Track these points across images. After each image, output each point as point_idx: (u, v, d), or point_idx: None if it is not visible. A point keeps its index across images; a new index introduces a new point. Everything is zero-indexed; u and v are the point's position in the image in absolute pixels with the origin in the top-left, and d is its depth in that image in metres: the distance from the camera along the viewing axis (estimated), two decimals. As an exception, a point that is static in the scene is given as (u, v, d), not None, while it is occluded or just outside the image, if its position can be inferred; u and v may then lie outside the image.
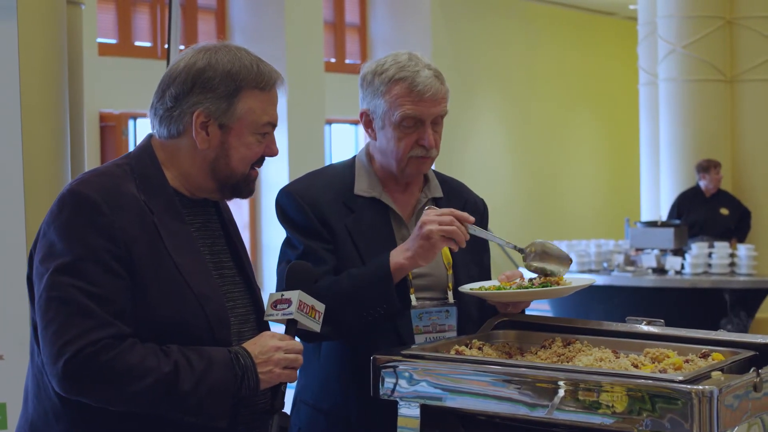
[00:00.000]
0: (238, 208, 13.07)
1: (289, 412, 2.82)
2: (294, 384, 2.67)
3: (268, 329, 2.41)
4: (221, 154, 2.30)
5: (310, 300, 2.38)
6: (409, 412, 2.45)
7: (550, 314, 9.67)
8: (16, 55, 3.79)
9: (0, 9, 3.78)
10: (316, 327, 2.40)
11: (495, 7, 16.14)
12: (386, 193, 2.87)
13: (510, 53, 16.42)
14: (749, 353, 2.46)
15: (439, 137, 2.84)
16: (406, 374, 2.44)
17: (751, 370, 2.28)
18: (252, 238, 13.02)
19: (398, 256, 2.68)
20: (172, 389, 2.14)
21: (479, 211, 3.02)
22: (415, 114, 2.76)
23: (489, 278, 2.98)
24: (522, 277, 2.79)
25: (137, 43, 11.71)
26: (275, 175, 12.84)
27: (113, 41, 11.48)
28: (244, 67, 2.30)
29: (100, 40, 11.11)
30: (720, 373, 2.27)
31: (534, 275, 2.77)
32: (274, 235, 12.74)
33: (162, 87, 2.30)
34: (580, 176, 17.93)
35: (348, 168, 2.91)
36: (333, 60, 14.39)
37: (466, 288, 2.77)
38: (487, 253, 3.05)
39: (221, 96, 2.26)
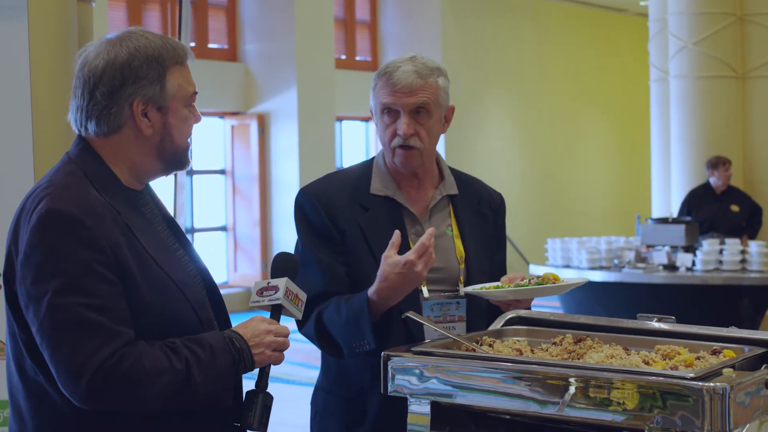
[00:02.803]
0: (248, 205, 13.09)
1: (310, 400, 3.04)
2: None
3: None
4: (165, 135, 2.37)
5: (294, 288, 2.48)
6: (419, 409, 2.45)
7: (561, 311, 9.67)
8: (27, 53, 3.80)
9: (11, 7, 3.79)
10: (299, 314, 2.50)
11: (505, 4, 16.13)
12: (400, 191, 2.98)
13: (520, 50, 16.41)
14: (761, 350, 2.45)
15: (429, 129, 2.93)
16: (417, 371, 2.44)
17: (763, 367, 2.28)
18: (263, 235, 13.05)
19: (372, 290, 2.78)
20: (186, 383, 2.23)
21: (495, 206, 3.12)
22: (389, 103, 2.90)
23: (503, 273, 3.06)
24: (523, 278, 2.87)
25: (148, 41, 11.72)
26: (285, 172, 12.86)
27: (124, 39, 11.49)
28: (160, 47, 2.36)
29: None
30: (731, 370, 2.26)
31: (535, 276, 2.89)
32: (284, 232, 12.76)
33: (87, 88, 2.34)
34: (590, 173, 17.91)
35: (365, 168, 3.04)
36: (343, 57, 14.40)
37: (469, 288, 2.88)
38: (501, 250, 3.14)
39: (153, 81, 2.33)
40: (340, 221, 2.91)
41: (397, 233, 2.74)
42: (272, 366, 2.41)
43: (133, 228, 2.30)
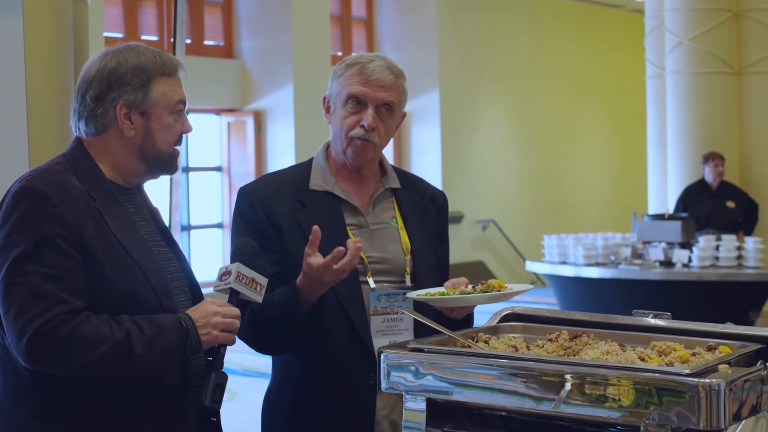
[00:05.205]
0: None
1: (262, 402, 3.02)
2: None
3: (201, 299, 2.64)
4: (147, 138, 2.57)
5: (249, 272, 2.60)
6: (415, 406, 2.45)
7: (557, 307, 9.67)
8: (22, 49, 3.80)
9: (6, 3, 3.79)
10: (258, 298, 2.61)
11: (501, 1, 16.13)
12: (340, 185, 2.98)
13: (516, 47, 16.41)
14: (756, 346, 2.45)
15: (388, 128, 2.95)
16: (412, 368, 2.44)
17: (759, 363, 2.28)
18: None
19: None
20: (126, 354, 2.38)
21: (438, 204, 3.13)
22: (359, 93, 2.91)
23: (447, 269, 3.10)
24: (467, 283, 2.84)
25: (143, 38, 11.70)
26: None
27: (119, 35, 11.49)
28: (148, 59, 2.57)
29: (106, 34, 11.12)
30: (727, 366, 2.26)
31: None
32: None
33: (81, 92, 2.57)
34: (587, 169, 17.92)
35: (305, 166, 3.06)
36: (339, 54, 14.38)
37: (413, 294, 2.83)
38: (444, 246, 3.13)
39: (136, 87, 2.55)
40: (278, 218, 2.91)
41: (315, 229, 2.71)
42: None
43: (104, 213, 2.48)
